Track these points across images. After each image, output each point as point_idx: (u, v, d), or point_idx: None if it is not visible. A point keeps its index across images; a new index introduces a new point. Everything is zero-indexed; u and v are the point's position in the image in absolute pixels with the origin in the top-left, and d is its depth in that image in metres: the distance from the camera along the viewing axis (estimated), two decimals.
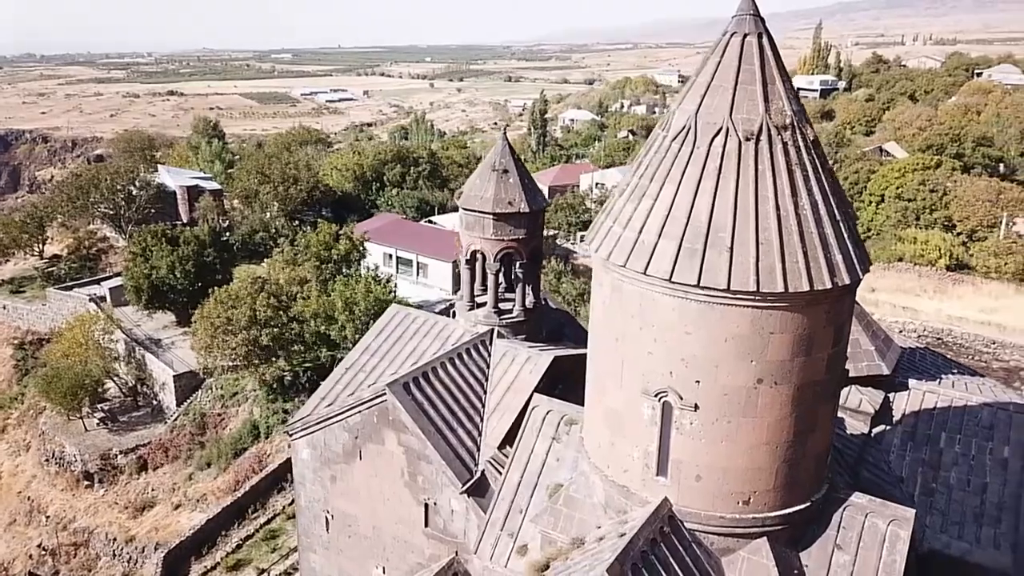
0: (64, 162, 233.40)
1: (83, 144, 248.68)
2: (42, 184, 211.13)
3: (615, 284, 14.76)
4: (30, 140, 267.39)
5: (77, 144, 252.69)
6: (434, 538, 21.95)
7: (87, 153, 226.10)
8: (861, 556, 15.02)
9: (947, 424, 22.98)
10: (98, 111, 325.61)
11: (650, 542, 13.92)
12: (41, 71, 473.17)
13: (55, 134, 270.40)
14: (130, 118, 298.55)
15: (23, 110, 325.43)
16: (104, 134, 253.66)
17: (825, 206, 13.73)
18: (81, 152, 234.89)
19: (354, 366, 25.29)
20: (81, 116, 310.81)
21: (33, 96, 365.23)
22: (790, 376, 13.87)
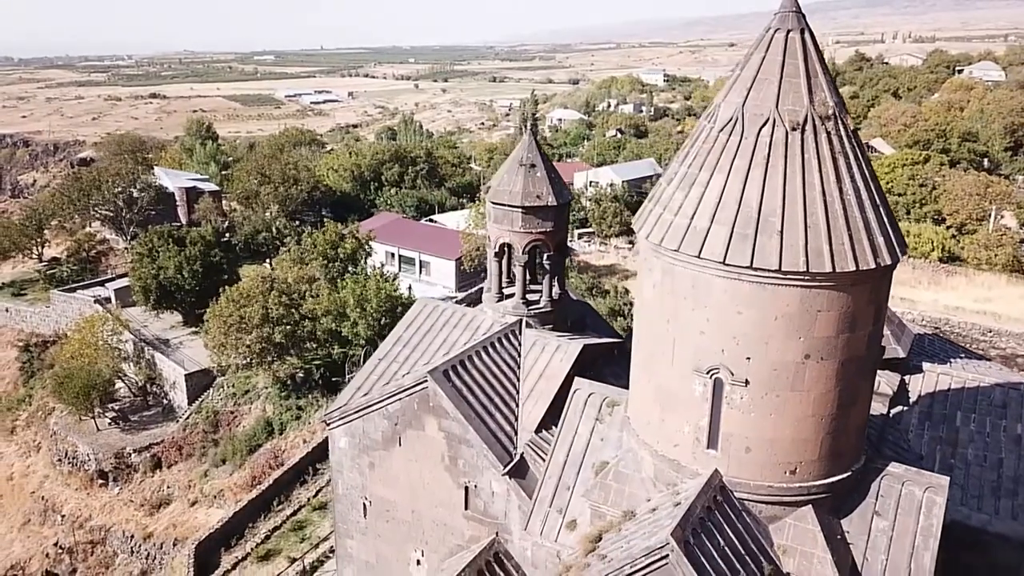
0: (47, 166, 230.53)
1: (65, 148, 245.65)
2: (25, 188, 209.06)
3: (666, 268, 15.60)
4: (11, 144, 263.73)
5: (59, 148, 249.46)
6: (474, 520, 22.71)
7: (70, 157, 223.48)
8: (899, 521, 15.98)
9: (961, 404, 24.03)
10: (80, 114, 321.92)
11: (705, 510, 14.78)
12: (20, 75, 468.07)
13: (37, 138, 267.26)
14: (112, 121, 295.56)
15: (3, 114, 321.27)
16: (87, 137, 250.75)
17: (867, 191, 14.66)
18: (64, 156, 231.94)
19: (387, 357, 25.97)
20: (63, 120, 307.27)
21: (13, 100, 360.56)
22: (835, 352, 14.78)
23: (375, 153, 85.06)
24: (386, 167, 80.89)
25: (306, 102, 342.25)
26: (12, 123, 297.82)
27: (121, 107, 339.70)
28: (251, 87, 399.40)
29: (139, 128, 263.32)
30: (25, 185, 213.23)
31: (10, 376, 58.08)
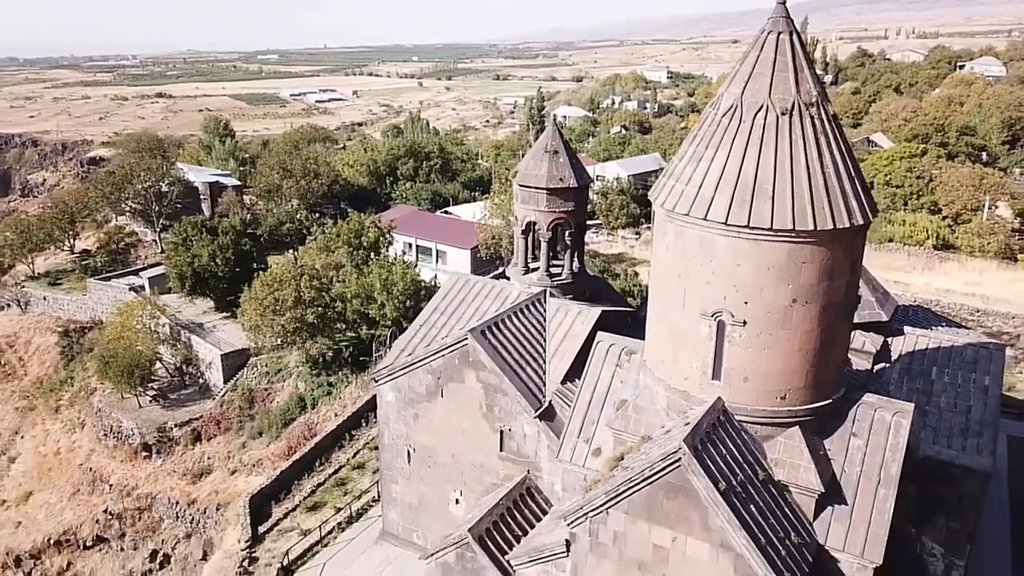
0: (56, 165, 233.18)
1: (74, 147, 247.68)
2: (35, 187, 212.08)
3: (678, 230, 18.91)
4: (20, 144, 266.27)
5: (68, 147, 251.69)
6: (508, 460, 26.07)
7: (79, 156, 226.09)
8: (872, 440, 19.29)
9: (937, 360, 27.35)
10: (87, 114, 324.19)
11: (710, 427, 18.10)
12: (26, 75, 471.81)
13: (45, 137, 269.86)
14: (120, 121, 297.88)
15: (11, 114, 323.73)
16: (94, 137, 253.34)
17: (843, 165, 17.94)
18: (73, 155, 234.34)
19: (427, 323, 29.34)
20: (70, 119, 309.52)
21: (20, 100, 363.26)
22: (817, 297, 18.07)
23: (390, 148, 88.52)
24: (401, 162, 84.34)
25: (311, 101, 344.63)
26: (20, 123, 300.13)
27: (128, 107, 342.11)
28: (256, 86, 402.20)
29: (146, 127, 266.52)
30: (35, 184, 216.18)
31: (51, 360, 61.52)
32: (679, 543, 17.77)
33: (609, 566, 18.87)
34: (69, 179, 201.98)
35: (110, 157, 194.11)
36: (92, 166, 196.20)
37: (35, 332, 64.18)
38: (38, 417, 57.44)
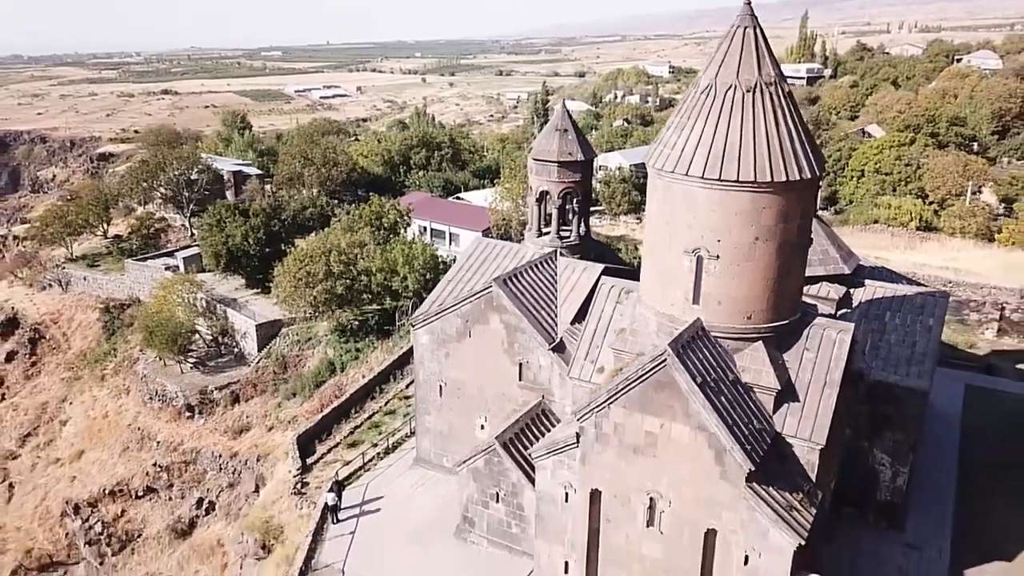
0: (66, 161, 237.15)
1: (82, 144, 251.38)
2: (45, 183, 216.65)
3: (666, 185, 23.91)
4: (28, 141, 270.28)
5: (76, 144, 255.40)
6: (526, 388, 31.11)
7: (89, 152, 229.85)
8: (820, 352, 24.27)
9: (891, 306, 32.42)
10: (94, 111, 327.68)
11: (691, 338, 23.09)
12: (32, 72, 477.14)
13: (53, 134, 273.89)
14: (127, 117, 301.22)
15: (19, 111, 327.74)
16: (102, 133, 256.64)
17: (795, 131, 22.90)
18: (82, 151, 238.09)
19: (454, 279, 34.41)
20: (77, 116, 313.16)
21: (28, 97, 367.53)
22: (775, 236, 23.04)
23: (403, 139, 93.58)
24: (413, 151, 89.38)
25: (316, 97, 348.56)
26: (28, 120, 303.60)
27: (134, 103, 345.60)
28: (261, 82, 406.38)
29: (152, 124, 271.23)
30: (44, 180, 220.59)
31: (93, 334, 66.58)
32: (666, 428, 22.80)
33: (611, 452, 23.91)
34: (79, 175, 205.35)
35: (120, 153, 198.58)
36: (102, 162, 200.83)
37: (77, 309, 69.34)
38: (84, 385, 62.61)
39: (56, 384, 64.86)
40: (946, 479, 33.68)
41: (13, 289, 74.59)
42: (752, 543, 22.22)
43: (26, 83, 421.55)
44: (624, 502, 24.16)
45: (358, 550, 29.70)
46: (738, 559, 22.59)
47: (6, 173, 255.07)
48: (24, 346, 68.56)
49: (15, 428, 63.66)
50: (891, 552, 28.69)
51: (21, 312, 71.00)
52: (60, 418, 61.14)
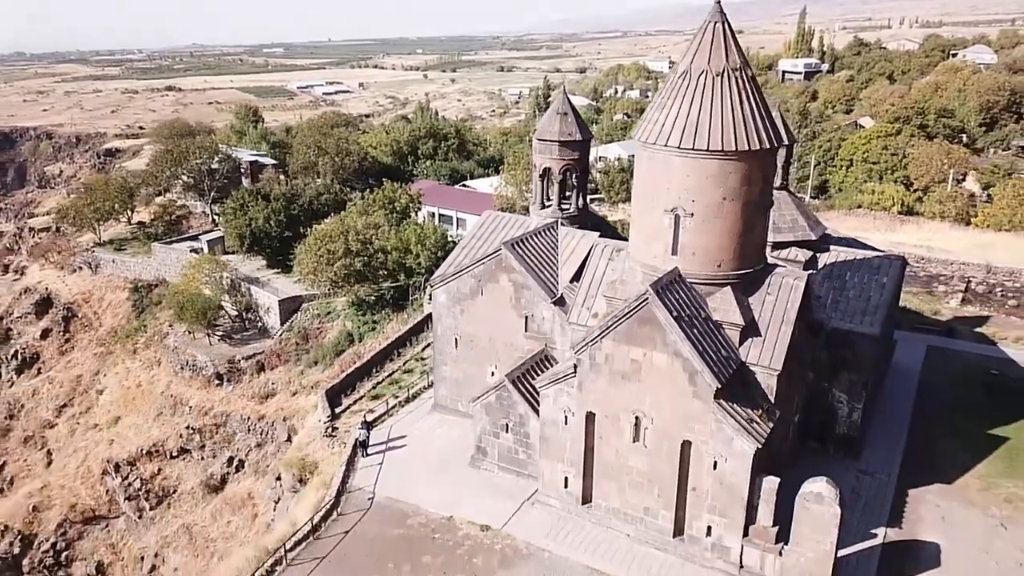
0: (72, 157, 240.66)
1: (88, 140, 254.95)
2: (52, 179, 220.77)
3: (650, 155, 28.64)
4: (35, 137, 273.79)
5: (82, 140, 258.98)
6: (531, 338, 35.83)
7: (95, 148, 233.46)
8: (779, 296, 28.99)
9: (852, 267, 37.13)
10: (99, 107, 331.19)
11: (669, 282, 27.82)
12: (36, 69, 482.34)
13: (59, 131, 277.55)
14: (131, 114, 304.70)
15: (24, 108, 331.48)
16: (107, 130, 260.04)
17: (758, 110, 27.61)
18: (89, 147, 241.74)
19: (467, 247, 39.11)
20: (82, 113, 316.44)
21: (33, 94, 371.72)
22: (740, 196, 27.75)
23: (411, 130, 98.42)
24: (421, 142, 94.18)
25: (318, 93, 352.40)
26: (34, 117, 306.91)
27: (138, 100, 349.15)
28: (263, 79, 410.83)
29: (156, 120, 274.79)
30: (51, 176, 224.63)
31: (123, 312, 71.33)
32: (648, 356, 27.53)
33: (603, 378, 28.66)
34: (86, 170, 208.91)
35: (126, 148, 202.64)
36: (108, 157, 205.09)
37: (106, 290, 74.16)
38: (117, 359, 67.45)
39: (89, 359, 69.69)
40: (900, 421, 38.41)
41: (45, 272, 79.49)
42: (719, 450, 26.97)
43: (30, 80, 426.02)
44: (614, 421, 28.94)
45: (385, 477, 34.46)
46: (708, 465, 27.35)
47: (13, 169, 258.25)
48: (58, 324, 73.42)
49: (51, 400, 68.51)
50: (846, 476, 33.35)
51: (54, 293, 75.88)
52: (96, 388, 65.96)
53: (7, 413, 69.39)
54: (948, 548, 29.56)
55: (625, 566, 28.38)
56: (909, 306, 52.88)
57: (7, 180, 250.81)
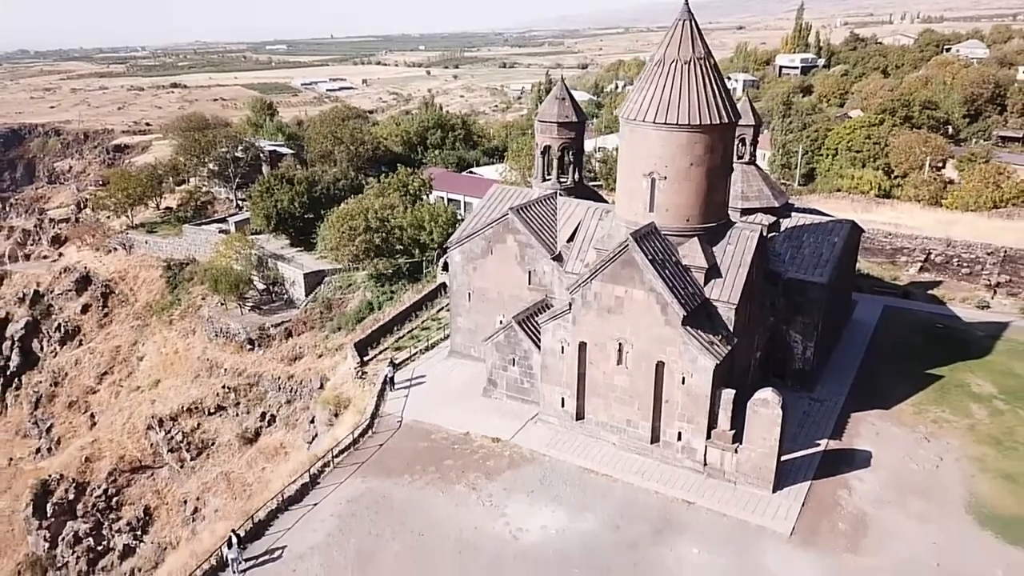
0: (81, 153, 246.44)
1: (96, 136, 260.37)
2: (62, 175, 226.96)
3: (632, 129, 35.24)
4: (43, 134, 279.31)
5: (90, 136, 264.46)
6: (534, 290, 42.40)
7: (105, 144, 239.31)
8: (737, 245, 35.57)
9: (808, 230, 43.67)
10: (105, 104, 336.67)
11: (645, 232, 34.38)
12: (41, 67, 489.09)
13: (67, 127, 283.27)
14: (138, 111, 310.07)
15: (32, 105, 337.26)
16: (115, 126, 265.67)
17: (718, 91, 34.17)
18: (97, 143, 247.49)
19: (477, 215, 45.69)
20: (89, 109, 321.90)
21: (39, 91, 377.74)
22: (705, 162, 34.32)
23: (420, 121, 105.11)
24: (430, 132, 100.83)
25: (322, 90, 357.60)
26: (41, 113, 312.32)
27: (144, 97, 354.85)
28: (267, 76, 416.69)
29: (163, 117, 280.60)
30: (61, 172, 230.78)
31: (157, 289, 77.90)
32: (629, 293, 34.08)
33: (592, 313, 35.24)
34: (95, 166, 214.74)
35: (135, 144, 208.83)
36: (118, 153, 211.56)
37: (141, 268, 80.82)
38: (153, 330, 74.11)
39: (127, 331, 76.36)
40: (852, 362, 44.98)
41: (82, 253, 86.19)
42: (686, 367, 33.54)
43: (36, 77, 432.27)
44: (602, 348, 35.54)
45: (411, 405, 41.02)
46: (678, 380, 33.91)
47: (22, 165, 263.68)
48: (97, 300, 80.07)
49: (93, 368, 75.21)
50: (800, 403, 39.93)
51: (92, 271, 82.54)
52: (136, 356, 72.64)
53: (52, 381, 76.09)
54: (878, 454, 36.13)
55: (611, 467, 34.98)
56: (872, 273, 59.49)
57: (16, 176, 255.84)
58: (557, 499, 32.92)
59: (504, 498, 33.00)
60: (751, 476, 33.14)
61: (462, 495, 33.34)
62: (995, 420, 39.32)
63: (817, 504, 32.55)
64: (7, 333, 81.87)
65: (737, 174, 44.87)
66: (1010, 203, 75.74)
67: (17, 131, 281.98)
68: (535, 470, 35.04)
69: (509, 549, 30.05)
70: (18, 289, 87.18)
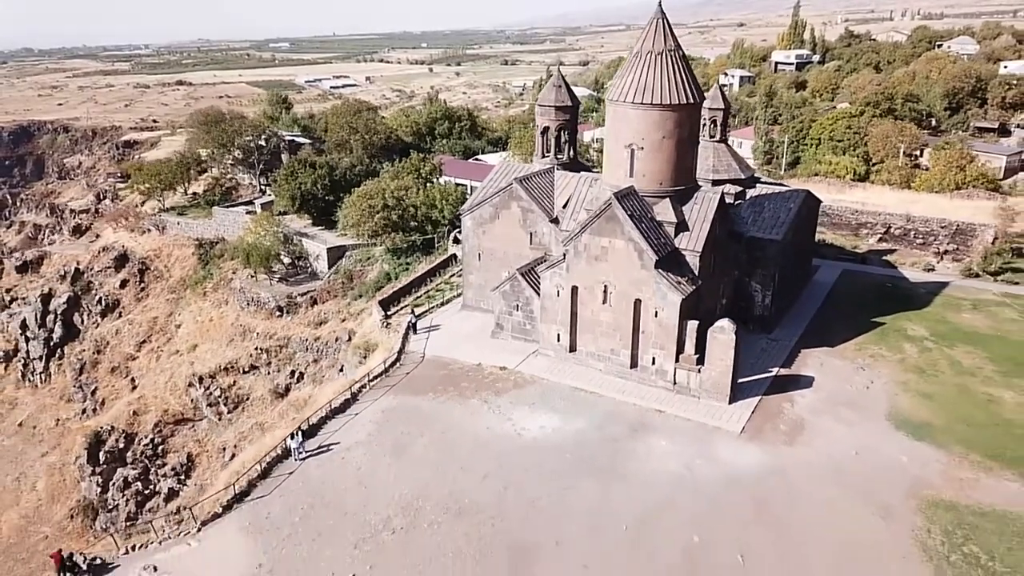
0: (90, 149, 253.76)
1: (104, 133, 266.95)
2: (72, 170, 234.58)
3: (615, 109, 43.24)
4: (52, 130, 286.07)
5: (98, 133, 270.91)
6: (534, 249, 50.33)
7: (114, 140, 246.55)
8: (702, 205, 43.54)
9: (769, 198, 51.65)
10: (112, 101, 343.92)
11: (625, 193, 42.34)
12: (47, 65, 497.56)
13: (75, 124, 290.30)
14: (144, 108, 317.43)
15: (39, 102, 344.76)
16: (122, 123, 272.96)
17: (685, 77, 42.14)
18: (106, 140, 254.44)
19: (485, 187, 53.66)
20: (97, 107, 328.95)
21: (47, 89, 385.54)
22: (675, 135, 42.29)
23: (429, 113, 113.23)
24: (438, 123, 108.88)
25: (326, 87, 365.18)
26: (49, 111, 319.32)
27: (150, 94, 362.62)
28: (271, 73, 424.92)
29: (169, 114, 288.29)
30: (71, 167, 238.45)
31: (190, 265, 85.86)
32: (612, 243, 42.00)
33: (583, 261, 43.18)
34: (105, 161, 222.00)
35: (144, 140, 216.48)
36: (127, 149, 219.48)
37: (174, 247, 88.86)
38: (188, 301, 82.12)
39: (163, 304, 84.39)
40: (808, 312, 52.90)
41: (118, 233, 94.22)
42: (659, 303, 41.47)
43: (42, 75, 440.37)
44: (590, 290, 43.49)
45: (431, 345, 48.96)
46: (652, 314, 41.84)
47: (31, 161, 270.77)
48: (134, 275, 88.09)
49: (132, 337, 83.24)
50: (759, 342, 47.82)
51: (129, 250, 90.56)
52: (174, 324, 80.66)
53: (94, 349, 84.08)
54: (820, 379, 44.07)
55: (598, 386, 42.94)
56: (836, 243, 67.40)
57: (26, 172, 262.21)
58: (553, 409, 40.90)
59: (510, 408, 40.99)
60: (711, 391, 41.10)
61: (476, 406, 41.34)
62: (923, 355, 47.26)
63: (764, 412, 40.51)
64: (50, 307, 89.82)
65: (710, 150, 53.06)
66: (970, 184, 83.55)
67: (26, 128, 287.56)
68: (535, 389, 43.02)
69: (515, 442, 38.04)
70: (59, 268, 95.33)
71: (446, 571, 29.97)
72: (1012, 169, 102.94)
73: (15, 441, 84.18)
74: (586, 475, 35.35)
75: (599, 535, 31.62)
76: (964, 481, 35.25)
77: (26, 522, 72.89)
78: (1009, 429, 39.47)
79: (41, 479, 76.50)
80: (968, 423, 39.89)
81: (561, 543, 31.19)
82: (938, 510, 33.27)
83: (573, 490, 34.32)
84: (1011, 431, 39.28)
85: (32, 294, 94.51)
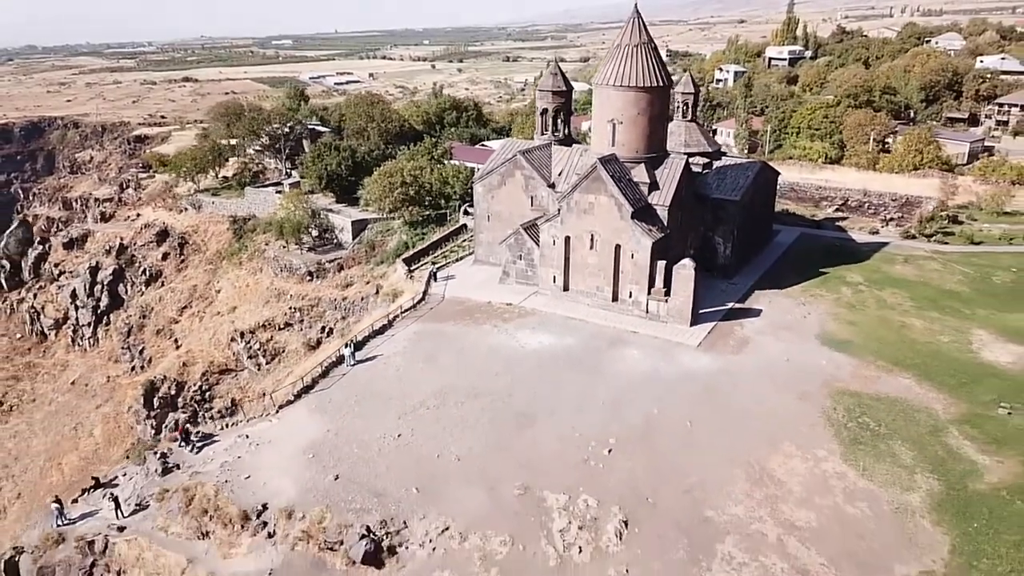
0: (101, 145, 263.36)
1: (114, 128, 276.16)
2: (83, 165, 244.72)
3: (600, 90, 54.19)
4: (62, 126, 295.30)
5: (107, 129, 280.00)
6: (535, 211, 61.18)
7: (124, 135, 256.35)
8: (671, 169, 54.46)
9: (732, 168, 62.62)
10: (120, 98, 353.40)
11: (607, 159, 53.21)
12: (52, 62, 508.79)
13: (85, 120, 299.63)
14: (152, 104, 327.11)
15: (48, 99, 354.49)
16: (131, 119, 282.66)
17: (658, 66, 53.05)
18: (116, 135, 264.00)
19: (493, 158, 64.58)
20: (105, 103, 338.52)
21: (55, 85, 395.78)
22: (648, 112, 53.19)
23: (439, 103, 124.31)
24: (446, 113, 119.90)
25: (330, 83, 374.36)
26: (59, 107, 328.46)
27: (157, 91, 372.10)
28: (275, 70, 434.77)
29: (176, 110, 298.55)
30: (82, 162, 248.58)
31: (225, 239, 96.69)
32: (598, 199, 52.83)
33: (574, 215, 54.06)
34: (115, 156, 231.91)
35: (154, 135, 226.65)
36: (138, 144, 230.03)
37: (210, 224, 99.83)
38: (226, 270, 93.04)
39: (202, 273, 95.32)
40: (765, 264, 63.75)
41: (158, 212, 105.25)
42: (634, 247, 52.32)
43: (49, 72, 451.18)
44: (580, 239, 54.36)
45: (449, 290, 59.83)
46: (629, 256, 52.68)
47: (42, 156, 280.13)
48: (174, 249, 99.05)
49: (174, 303, 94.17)
50: (720, 285, 58.64)
51: (169, 226, 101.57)
52: (214, 289, 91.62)
53: (140, 314, 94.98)
54: (767, 311, 54.90)
55: (585, 316, 53.79)
56: (797, 212, 78.24)
57: (37, 167, 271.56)
58: (549, 331, 51.78)
59: (515, 331, 51.90)
60: (676, 316, 51.98)
61: (488, 330, 52.27)
62: (855, 295, 58.10)
63: (718, 333, 51.38)
64: (98, 279, 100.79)
65: (682, 128, 63.94)
66: (927, 166, 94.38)
67: (37, 124, 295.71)
68: (535, 318, 53.92)
69: (519, 352, 48.94)
70: (103, 244, 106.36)
71: (469, 430, 40.88)
72: (975, 155, 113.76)
73: (69, 397, 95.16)
74: (574, 373, 46.24)
75: (583, 409, 42.50)
76: (868, 378, 46.07)
77: (86, 463, 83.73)
78: (913, 346, 50.29)
79: (97, 427, 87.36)
80: (881, 342, 50.70)
81: (554, 413, 42.09)
82: (844, 396, 44.07)
83: (564, 382, 45.22)
84: (915, 347, 50.10)
85: (80, 267, 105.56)
